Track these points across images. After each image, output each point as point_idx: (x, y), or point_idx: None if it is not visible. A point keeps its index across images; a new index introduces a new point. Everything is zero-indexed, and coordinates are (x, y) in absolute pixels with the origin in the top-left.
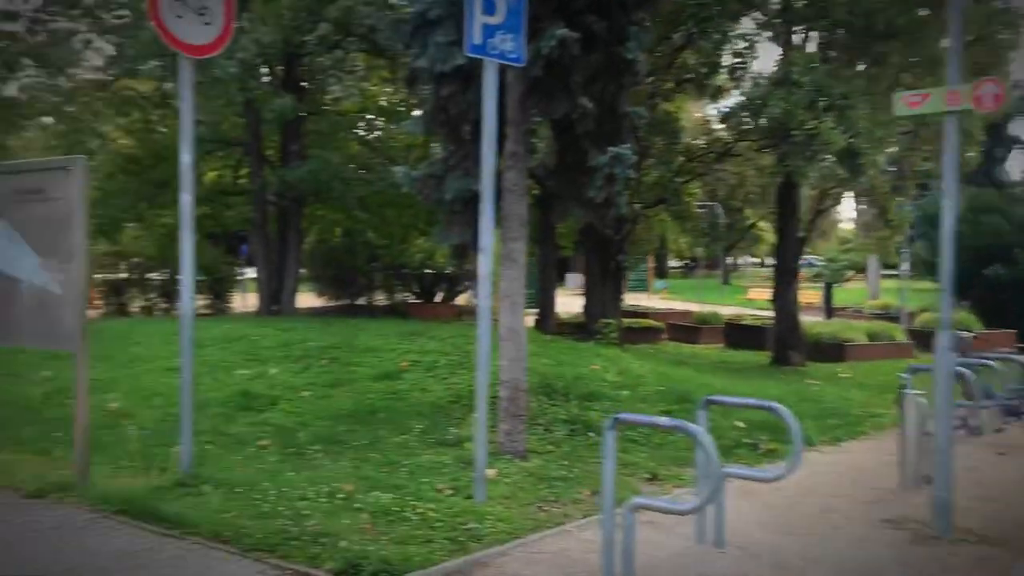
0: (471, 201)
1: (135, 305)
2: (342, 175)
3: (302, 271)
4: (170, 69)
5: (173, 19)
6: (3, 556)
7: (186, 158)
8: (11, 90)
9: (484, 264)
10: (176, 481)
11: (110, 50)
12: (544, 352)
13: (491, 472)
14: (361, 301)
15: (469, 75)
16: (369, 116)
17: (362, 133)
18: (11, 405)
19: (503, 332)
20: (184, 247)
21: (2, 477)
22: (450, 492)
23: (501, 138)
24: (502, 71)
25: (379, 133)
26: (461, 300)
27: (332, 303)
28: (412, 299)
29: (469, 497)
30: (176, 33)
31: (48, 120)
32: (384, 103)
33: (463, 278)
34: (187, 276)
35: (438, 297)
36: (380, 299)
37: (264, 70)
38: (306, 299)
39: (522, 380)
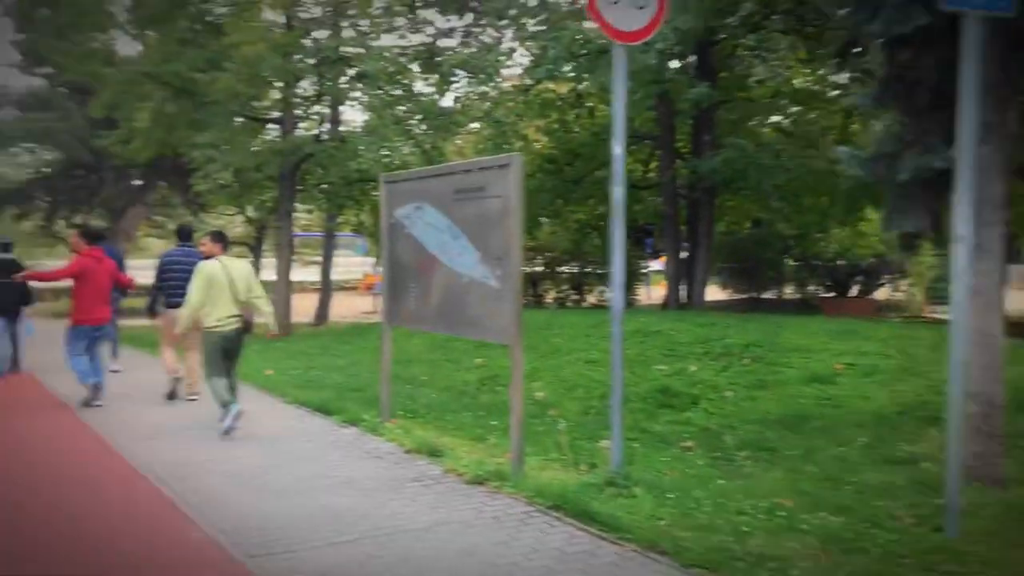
0: (931, 182)
1: (549, 297)
2: (758, 162)
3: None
4: (586, 69)
5: (607, 6)
6: (451, 545)
7: (618, 150)
8: (447, 100)
9: (962, 255)
10: (606, 479)
11: (531, 55)
12: (1014, 359)
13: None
14: (768, 295)
15: (929, 36)
16: (783, 101)
17: (777, 118)
18: (451, 390)
19: (973, 336)
20: (615, 241)
21: (446, 461)
22: (911, 521)
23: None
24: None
25: (791, 118)
26: (880, 295)
27: (737, 296)
28: (824, 293)
29: (938, 530)
30: (610, 20)
31: (475, 125)
32: (799, 85)
33: (883, 271)
34: (618, 270)
35: (853, 291)
36: (789, 293)
37: (672, 63)
38: (709, 292)
39: (997, 393)
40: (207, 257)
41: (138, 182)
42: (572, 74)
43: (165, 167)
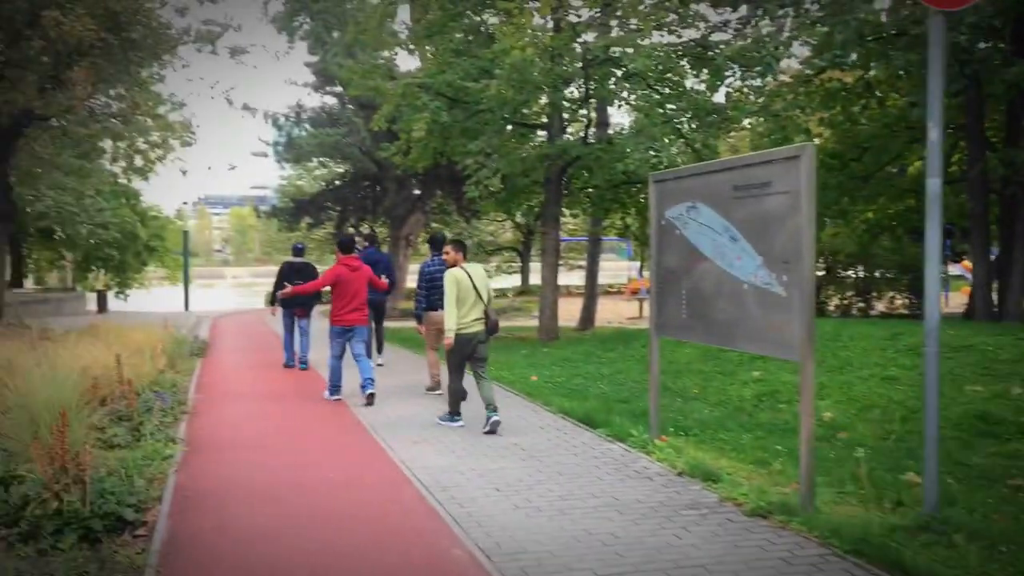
0: None
1: (832, 304)
2: None
3: None
4: (877, 55)
5: None
6: None
7: (934, 134)
8: (719, 96)
9: None
10: (918, 522)
11: (812, 44)
12: None
13: None
14: None
15: None
16: None
17: None
18: (725, 405)
19: None
20: (929, 242)
21: (723, 487)
22: None
23: None
24: None
25: None
26: None
27: None
28: None
29: None
30: None
31: (749, 122)
32: None
33: None
34: (932, 277)
35: None
36: None
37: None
38: None
39: None
40: (452, 264)
41: (417, 191)
42: (860, 61)
43: (441, 176)
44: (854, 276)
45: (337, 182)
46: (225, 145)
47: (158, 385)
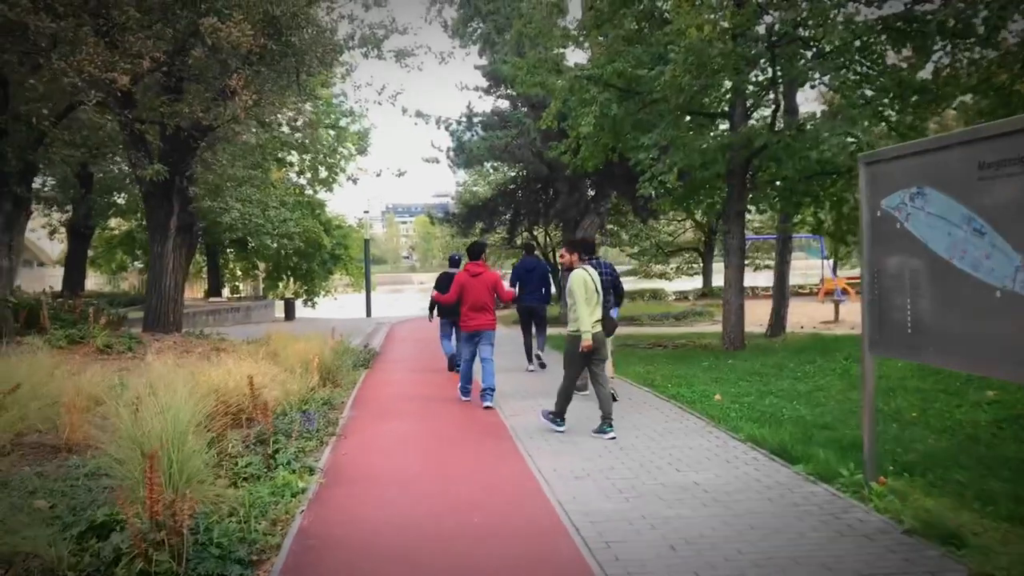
0: None
1: None
2: None
3: None
4: None
5: None
6: None
7: None
8: (926, 72)
9: None
10: None
11: None
12: None
13: None
14: None
15: None
16: None
17: None
18: (953, 434)
19: None
20: None
21: (971, 556)
22: None
23: None
24: None
25: None
26: None
27: None
28: None
29: None
30: None
31: (964, 98)
32: None
33: None
34: None
35: None
36: None
37: None
38: None
39: None
40: (570, 267)
41: (590, 192)
42: None
43: (615, 175)
44: None
45: (511, 186)
46: (396, 151)
47: (308, 403)
